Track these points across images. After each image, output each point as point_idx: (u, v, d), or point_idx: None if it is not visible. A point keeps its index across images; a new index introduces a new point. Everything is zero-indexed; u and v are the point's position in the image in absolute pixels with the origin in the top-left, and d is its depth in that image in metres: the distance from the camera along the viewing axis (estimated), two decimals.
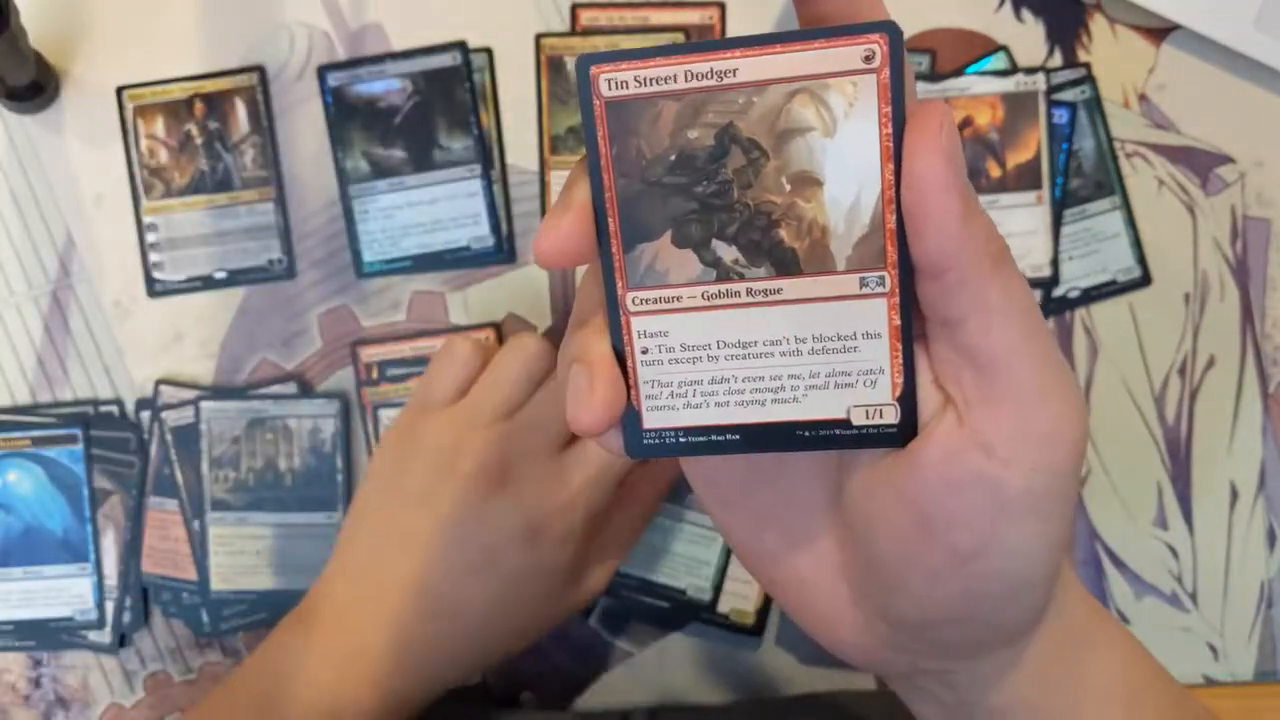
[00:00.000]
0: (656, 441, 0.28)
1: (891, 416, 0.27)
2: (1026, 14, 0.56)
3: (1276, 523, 0.55)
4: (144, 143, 0.56)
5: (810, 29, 0.25)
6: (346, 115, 0.55)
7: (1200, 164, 0.56)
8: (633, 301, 0.27)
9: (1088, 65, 0.56)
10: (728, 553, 0.54)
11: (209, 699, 0.48)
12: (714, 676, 0.54)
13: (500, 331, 0.55)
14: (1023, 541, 0.27)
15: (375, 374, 0.55)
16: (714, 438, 0.28)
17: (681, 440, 0.28)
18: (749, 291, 0.27)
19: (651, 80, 0.25)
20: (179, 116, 0.56)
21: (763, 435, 0.28)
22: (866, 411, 0.27)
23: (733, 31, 0.57)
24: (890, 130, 0.25)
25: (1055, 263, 0.55)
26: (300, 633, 0.47)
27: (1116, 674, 0.32)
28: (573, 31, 0.56)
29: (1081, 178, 0.55)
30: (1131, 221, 0.55)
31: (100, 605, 0.54)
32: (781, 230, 0.26)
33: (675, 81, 0.25)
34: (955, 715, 0.32)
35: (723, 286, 0.27)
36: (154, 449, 0.54)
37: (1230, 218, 0.56)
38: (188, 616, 0.54)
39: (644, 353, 0.28)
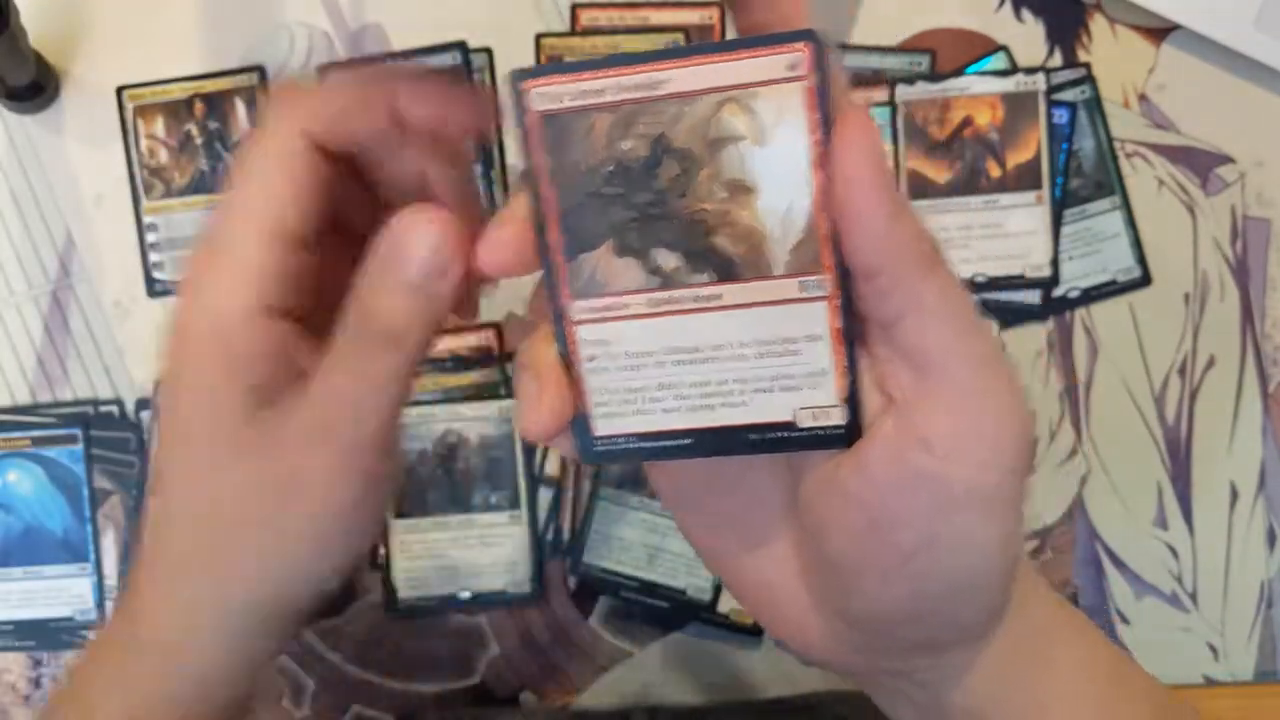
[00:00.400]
0: (608, 448, 0.29)
1: (837, 418, 0.27)
2: (1026, 14, 0.57)
3: (1276, 523, 0.55)
4: (144, 143, 0.56)
5: (737, 39, 0.26)
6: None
7: (1200, 164, 0.56)
8: (577, 310, 0.28)
9: (1088, 65, 0.56)
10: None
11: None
12: (714, 676, 0.55)
13: (501, 332, 0.55)
14: (967, 538, 0.27)
15: None
16: (665, 443, 0.28)
17: (633, 446, 0.28)
18: (692, 298, 0.27)
19: (583, 93, 0.26)
20: (179, 116, 0.56)
21: (713, 439, 0.28)
22: (813, 414, 0.27)
23: (733, 32, 0.57)
24: (819, 136, 0.25)
25: (1055, 263, 0.55)
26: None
27: (1087, 671, 0.32)
28: (573, 31, 0.56)
29: (1081, 178, 0.55)
30: (1131, 221, 0.55)
31: (100, 605, 0.54)
32: (719, 237, 0.26)
33: (607, 94, 0.26)
34: (927, 716, 0.32)
35: (665, 294, 0.27)
36: (154, 449, 0.54)
37: (1230, 218, 0.56)
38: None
39: (590, 360, 0.28)
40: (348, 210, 0.31)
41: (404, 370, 0.29)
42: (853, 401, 0.27)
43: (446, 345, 0.55)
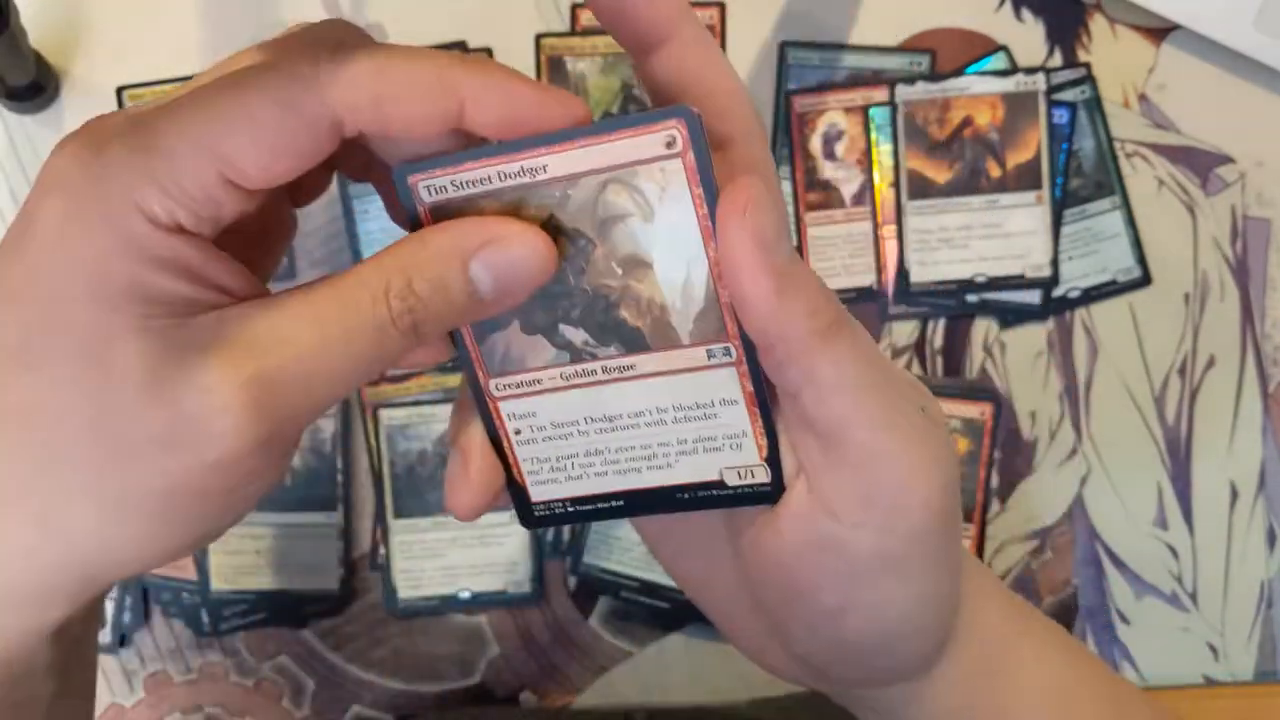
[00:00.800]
0: (547, 513, 0.29)
1: (763, 476, 0.28)
2: (1026, 14, 0.57)
3: (1276, 523, 0.55)
4: None
5: (614, 119, 0.26)
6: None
7: (1200, 164, 0.56)
8: (496, 388, 0.28)
9: (1088, 65, 0.56)
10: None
11: None
12: (714, 676, 0.55)
13: None
14: (883, 601, 0.27)
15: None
16: (599, 505, 0.29)
17: (570, 510, 0.29)
18: (603, 370, 0.27)
19: (467, 183, 0.26)
20: None
21: (645, 500, 0.29)
22: (739, 472, 0.28)
23: (733, 32, 0.57)
24: (705, 210, 0.25)
25: (1055, 263, 0.55)
26: None
27: (1046, 683, 0.32)
28: (573, 31, 0.56)
29: (1081, 178, 0.55)
30: (1131, 221, 0.55)
31: (100, 605, 0.54)
32: (622, 310, 0.27)
33: (491, 182, 0.26)
34: None
35: (578, 367, 0.27)
36: None
37: (1230, 218, 0.56)
38: (188, 616, 0.54)
39: (517, 433, 0.29)
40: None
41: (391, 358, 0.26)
42: (774, 459, 0.28)
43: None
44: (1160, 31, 0.56)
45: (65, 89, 0.56)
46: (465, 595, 0.54)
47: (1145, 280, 0.55)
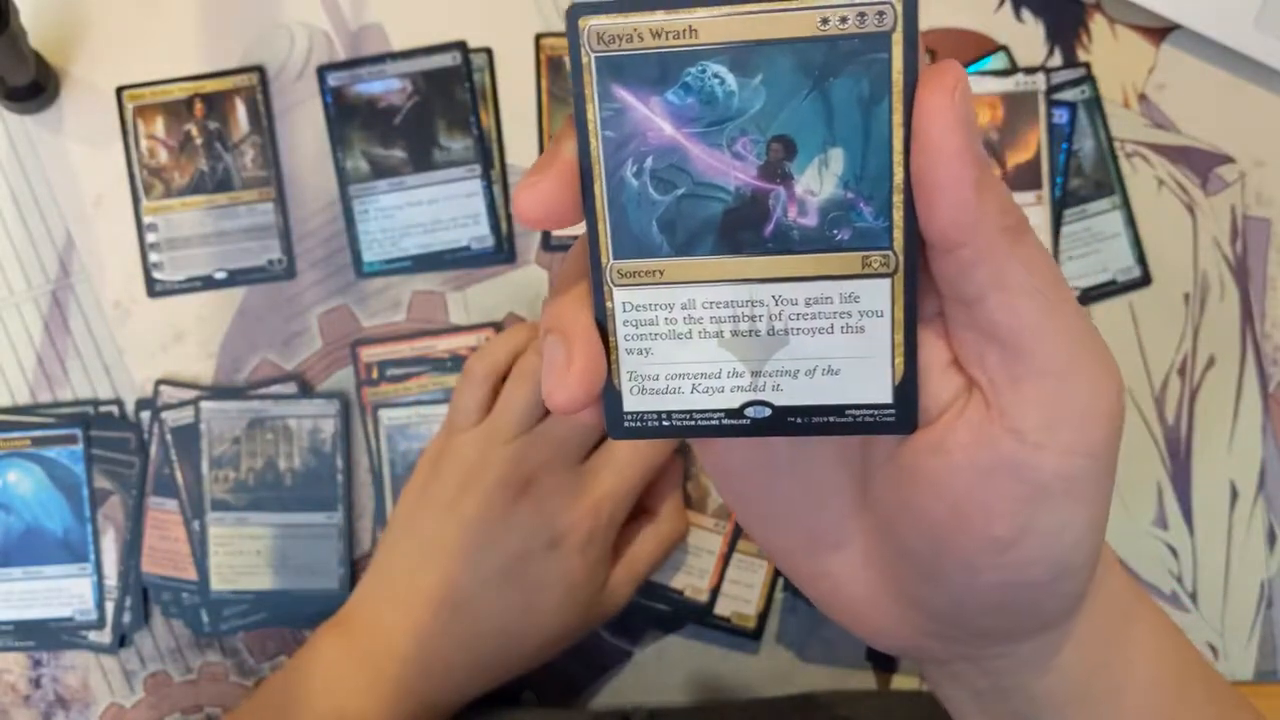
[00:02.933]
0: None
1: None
2: (1026, 14, 0.56)
3: (1276, 522, 0.55)
4: (144, 143, 0.56)
5: None
6: (346, 115, 0.55)
7: (1200, 164, 0.56)
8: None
9: (1088, 65, 0.56)
10: (727, 555, 0.54)
11: (245, 704, 0.49)
12: (714, 677, 0.54)
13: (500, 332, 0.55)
14: (1061, 526, 0.25)
15: (375, 374, 0.55)
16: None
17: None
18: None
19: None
20: (179, 116, 0.56)
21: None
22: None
23: None
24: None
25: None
26: (333, 636, 0.49)
27: (1162, 657, 0.31)
28: None
29: (1081, 178, 0.55)
30: (1131, 221, 0.55)
31: (100, 605, 0.54)
32: (688, 483, 0.25)
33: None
34: (988, 701, 0.30)
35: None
36: (154, 449, 0.54)
37: (1230, 217, 0.56)
38: (188, 616, 0.54)
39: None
40: None
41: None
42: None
43: (446, 345, 0.55)
44: (1160, 31, 0.56)
45: (65, 89, 0.56)
46: None
47: (1145, 280, 0.55)
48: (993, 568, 0.26)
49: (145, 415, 0.55)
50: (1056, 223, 0.55)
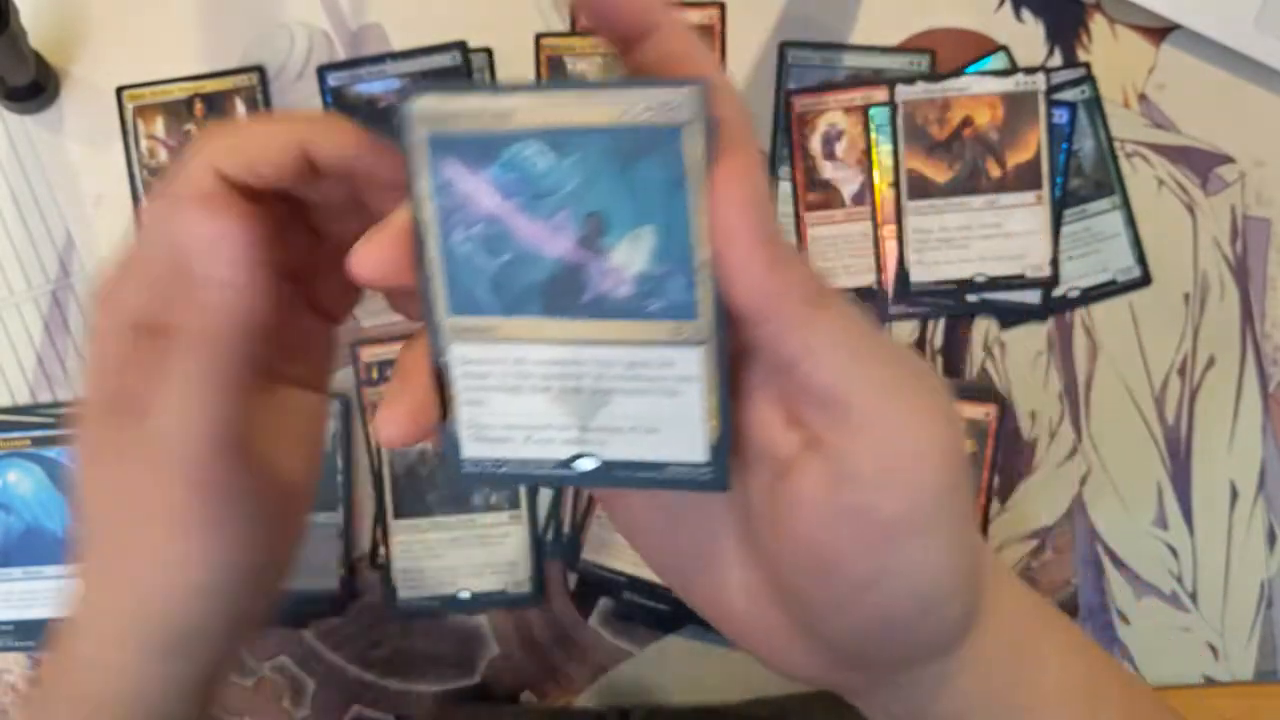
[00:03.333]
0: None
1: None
2: (1026, 14, 0.56)
3: (1276, 522, 0.55)
4: (144, 143, 0.56)
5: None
6: (346, 115, 0.55)
7: (1200, 164, 0.56)
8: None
9: (1088, 65, 0.56)
10: None
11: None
12: (714, 677, 0.54)
13: None
14: (917, 564, 0.27)
15: (375, 374, 0.55)
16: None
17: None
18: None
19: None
20: (179, 116, 0.56)
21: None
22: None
23: (733, 32, 0.56)
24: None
25: (1055, 263, 0.55)
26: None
27: (1069, 672, 0.32)
28: (572, 31, 0.56)
29: (1081, 178, 0.55)
30: (1131, 221, 0.55)
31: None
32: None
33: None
34: None
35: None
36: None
37: (1230, 217, 0.56)
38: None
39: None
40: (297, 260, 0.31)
41: (210, 371, 0.28)
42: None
43: None
44: (1160, 31, 0.56)
45: (65, 89, 0.56)
46: (465, 595, 0.54)
47: (1145, 280, 0.55)
48: (860, 606, 0.27)
49: None
50: (1056, 223, 0.55)
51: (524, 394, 0.28)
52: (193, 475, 0.29)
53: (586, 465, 0.28)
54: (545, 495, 0.55)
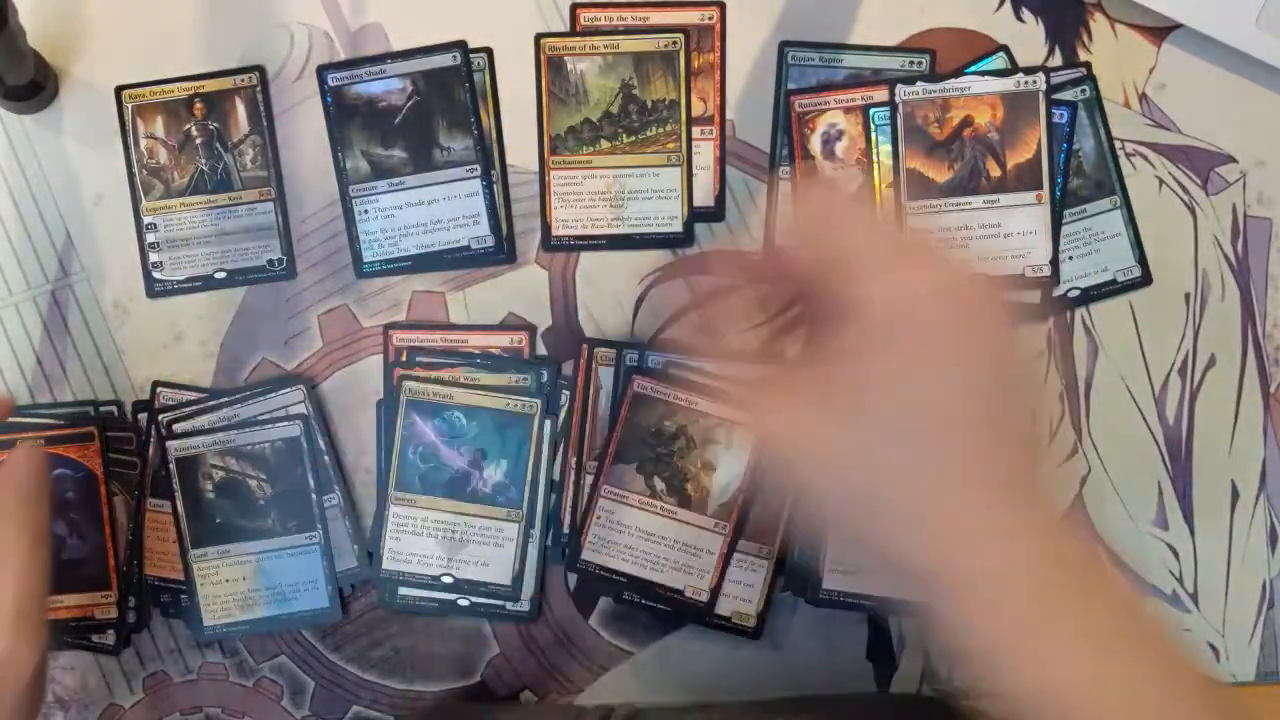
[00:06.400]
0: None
1: (706, 598, 0.53)
2: (1026, 14, 0.56)
3: (1278, 523, 0.55)
4: (144, 143, 0.56)
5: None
6: (346, 115, 0.55)
7: (1201, 163, 0.56)
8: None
9: (1088, 65, 0.56)
10: (727, 556, 0.54)
11: None
12: (713, 677, 0.54)
13: (534, 335, 0.55)
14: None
15: (405, 356, 0.55)
16: (614, 576, 0.54)
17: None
18: (660, 507, 0.53)
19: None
20: (179, 116, 0.56)
21: (640, 587, 0.53)
22: (693, 589, 0.53)
23: (733, 32, 0.56)
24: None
25: (1055, 262, 0.55)
26: None
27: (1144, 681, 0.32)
28: (573, 31, 0.56)
29: (1081, 177, 0.55)
30: (1132, 221, 0.55)
31: None
32: (689, 483, 0.53)
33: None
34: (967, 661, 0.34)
35: (649, 499, 0.53)
36: (151, 451, 0.54)
37: (1231, 217, 0.56)
38: (187, 618, 0.54)
39: (599, 516, 0.53)
40: None
41: None
42: (716, 591, 0.53)
43: (478, 341, 0.55)
44: (1161, 31, 0.56)
45: (65, 89, 0.56)
46: (464, 604, 0.54)
47: (1145, 280, 0.55)
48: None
49: (143, 416, 0.55)
50: (1056, 222, 0.55)
51: (423, 537, 0.53)
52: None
53: (448, 579, 0.53)
54: (546, 493, 0.55)
